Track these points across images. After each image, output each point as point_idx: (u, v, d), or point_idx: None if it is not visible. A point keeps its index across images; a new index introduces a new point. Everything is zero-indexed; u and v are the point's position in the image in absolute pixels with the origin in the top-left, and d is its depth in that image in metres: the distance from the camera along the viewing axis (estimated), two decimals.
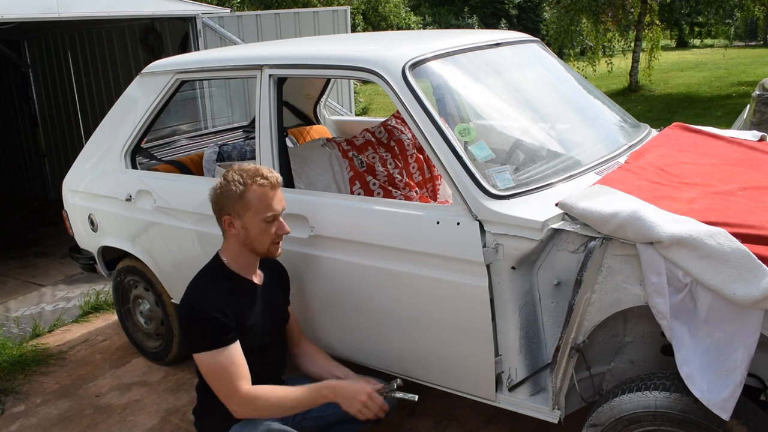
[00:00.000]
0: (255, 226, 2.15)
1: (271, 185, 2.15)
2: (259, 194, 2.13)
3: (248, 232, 2.16)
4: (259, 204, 2.13)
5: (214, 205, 2.21)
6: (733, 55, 20.78)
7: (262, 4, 15.02)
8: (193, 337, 2.08)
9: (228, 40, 5.60)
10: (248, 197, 2.13)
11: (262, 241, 2.17)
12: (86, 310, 4.24)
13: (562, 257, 2.01)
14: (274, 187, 2.16)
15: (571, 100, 2.89)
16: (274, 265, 2.43)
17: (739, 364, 1.67)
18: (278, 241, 2.21)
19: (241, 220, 2.15)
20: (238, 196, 2.13)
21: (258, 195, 2.13)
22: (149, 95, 3.07)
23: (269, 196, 2.14)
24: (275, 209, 2.16)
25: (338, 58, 2.48)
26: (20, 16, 4.49)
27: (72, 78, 6.85)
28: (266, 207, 2.14)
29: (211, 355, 2.03)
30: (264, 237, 2.17)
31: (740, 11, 14.57)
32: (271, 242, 2.19)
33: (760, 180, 2.14)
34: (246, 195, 2.13)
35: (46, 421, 3.08)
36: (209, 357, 2.04)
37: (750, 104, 5.21)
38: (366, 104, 14.12)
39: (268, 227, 2.16)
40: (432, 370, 2.37)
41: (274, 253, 2.22)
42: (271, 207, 2.15)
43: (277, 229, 2.19)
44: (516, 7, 29.24)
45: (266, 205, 2.14)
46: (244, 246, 2.20)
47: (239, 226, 2.16)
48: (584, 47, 15.95)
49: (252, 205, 2.13)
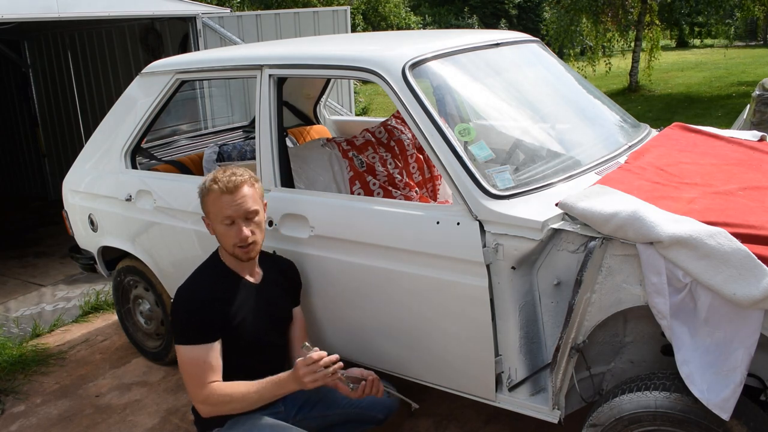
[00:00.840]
0: (217, 229, 2.22)
1: (222, 189, 2.15)
2: (212, 198, 2.19)
3: (216, 234, 2.24)
4: (212, 207, 2.20)
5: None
6: (733, 55, 20.78)
7: (262, 4, 15.02)
8: (175, 327, 2.17)
9: (228, 40, 5.60)
10: (206, 200, 2.21)
11: (225, 243, 2.22)
12: (86, 310, 4.24)
13: (562, 257, 2.01)
14: (226, 191, 2.15)
15: (571, 100, 2.89)
16: (283, 264, 2.45)
17: (739, 364, 1.67)
18: (242, 245, 2.18)
19: (210, 222, 2.24)
20: (202, 199, 2.22)
21: (211, 199, 2.19)
22: (149, 95, 3.07)
23: (220, 201, 2.16)
24: (225, 214, 2.16)
25: (338, 58, 2.48)
26: (20, 16, 4.49)
27: (72, 78, 6.85)
28: (218, 211, 2.18)
29: (187, 349, 2.12)
30: (226, 240, 2.21)
31: (740, 11, 14.57)
32: (233, 245, 2.19)
33: (760, 180, 2.14)
34: (205, 198, 2.21)
35: (46, 421, 3.08)
36: (185, 350, 2.12)
37: (750, 104, 5.21)
38: (366, 104, 14.11)
39: (227, 230, 2.19)
40: (432, 370, 2.37)
41: (240, 256, 2.21)
42: (221, 212, 2.17)
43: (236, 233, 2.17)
44: (516, 7, 29.24)
45: (218, 209, 2.18)
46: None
47: (211, 227, 2.25)
48: (584, 47, 15.95)
49: (209, 209, 2.21)
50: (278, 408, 2.28)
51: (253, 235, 2.19)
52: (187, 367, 2.12)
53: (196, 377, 2.11)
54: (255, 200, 2.21)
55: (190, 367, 2.12)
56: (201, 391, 2.10)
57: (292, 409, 2.31)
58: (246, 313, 2.22)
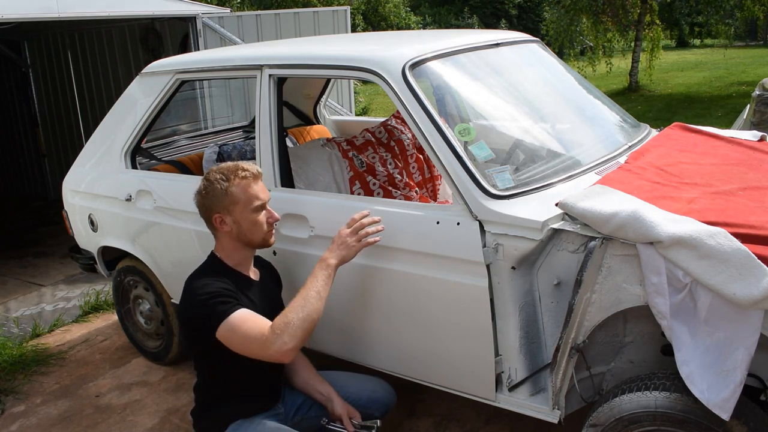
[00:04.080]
0: (246, 219, 2.19)
1: (253, 176, 2.21)
2: (242, 186, 2.18)
3: (240, 226, 2.20)
4: (244, 196, 2.18)
5: (200, 207, 2.24)
6: (733, 55, 20.77)
7: (262, 4, 15.02)
8: (205, 317, 2.05)
9: (228, 40, 5.61)
10: (233, 192, 2.17)
11: (255, 231, 2.22)
12: (86, 310, 4.24)
13: (562, 257, 2.01)
14: (256, 177, 2.22)
15: (571, 100, 2.89)
16: (269, 265, 2.47)
17: (739, 364, 1.67)
18: (271, 229, 2.27)
19: (232, 216, 2.19)
20: (223, 193, 2.17)
21: (242, 187, 2.18)
22: (149, 95, 3.07)
23: (253, 187, 2.19)
24: (261, 198, 2.21)
25: (338, 58, 2.48)
26: (20, 16, 4.49)
27: (72, 78, 6.85)
28: (252, 197, 2.19)
29: (226, 326, 2.01)
30: (257, 227, 2.21)
31: (740, 11, 14.56)
32: (266, 230, 2.24)
33: (760, 180, 2.14)
34: (230, 190, 2.17)
35: (46, 421, 3.08)
36: (225, 328, 2.01)
37: (750, 104, 5.21)
38: (366, 104, 14.11)
39: (258, 216, 2.21)
40: (432, 370, 2.37)
41: (269, 241, 2.28)
42: (257, 197, 2.20)
43: (268, 218, 2.24)
44: (516, 7, 29.24)
45: (252, 196, 2.19)
46: (238, 241, 2.22)
47: (230, 222, 2.19)
48: (584, 47, 15.94)
49: (239, 199, 2.18)
50: (278, 409, 2.28)
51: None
52: (240, 334, 1.99)
53: (255, 333, 1.98)
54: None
55: (243, 333, 1.99)
56: (269, 338, 1.97)
57: (291, 410, 2.31)
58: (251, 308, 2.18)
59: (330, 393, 2.30)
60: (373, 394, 2.35)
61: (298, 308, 2.01)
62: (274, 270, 2.50)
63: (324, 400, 2.30)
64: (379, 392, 2.37)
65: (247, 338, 2.00)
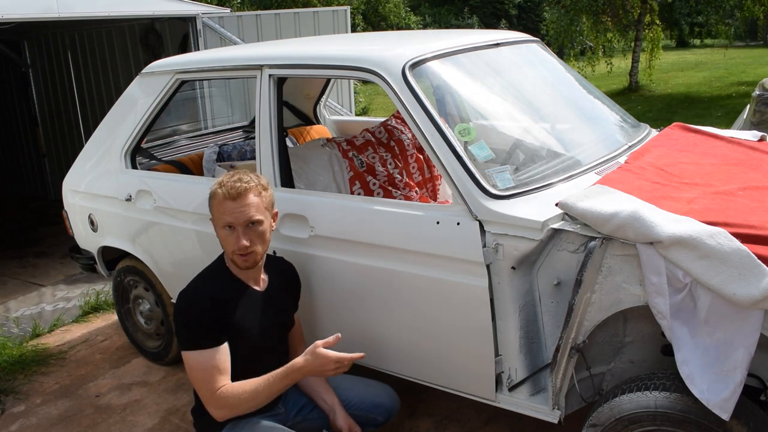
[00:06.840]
0: (218, 232, 2.18)
1: (225, 195, 2.09)
2: (216, 202, 2.14)
3: (218, 237, 2.19)
4: (215, 210, 2.15)
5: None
6: (733, 55, 20.77)
7: (262, 4, 15.02)
8: (180, 334, 2.13)
9: (228, 40, 5.61)
10: (211, 203, 2.17)
11: (225, 248, 2.18)
12: (86, 310, 4.24)
13: (562, 257, 2.01)
14: (229, 197, 2.09)
15: (571, 100, 2.89)
16: (286, 268, 2.42)
17: (739, 364, 1.67)
18: (241, 252, 2.11)
19: (214, 224, 2.19)
20: (209, 201, 2.18)
21: (215, 203, 2.14)
22: (149, 95, 3.07)
23: (222, 206, 2.11)
24: (225, 220, 2.10)
25: (338, 58, 2.48)
26: (20, 16, 4.49)
27: (72, 78, 6.85)
28: (219, 215, 2.14)
29: (194, 355, 2.06)
30: (225, 245, 2.16)
31: (740, 11, 14.57)
32: (231, 251, 2.13)
33: (760, 180, 2.14)
34: (211, 201, 2.17)
35: (46, 421, 3.08)
36: (192, 356, 2.07)
37: (750, 104, 5.21)
38: (366, 104, 14.11)
39: (227, 236, 2.13)
40: (432, 370, 2.37)
41: (238, 264, 2.15)
42: (222, 217, 2.12)
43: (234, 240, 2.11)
44: (516, 7, 29.24)
45: (219, 214, 2.13)
46: None
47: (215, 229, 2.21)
48: (584, 47, 15.95)
49: (212, 210, 2.17)
50: (279, 410, 2.28)
51: (252, 245, 2.11)
52: (195, 373, 2.06)
53: (206, 383, 2.04)
54: (259, 209, 2.13)
55: (198, 373, 2.05)
56: (213, 396, 2.04)
57: (293, 410, 2.31)
58: (249, 322, 2.18)
59: (334, 404, 2.28)
60: (376, 398, 2.34)
61: (253, 393, 2.05)
62: (288, 270, 2.41)
63: (327, 409, 2.28)
64: (382, 397, 2.36)
65: (196, 382, 2.08)
